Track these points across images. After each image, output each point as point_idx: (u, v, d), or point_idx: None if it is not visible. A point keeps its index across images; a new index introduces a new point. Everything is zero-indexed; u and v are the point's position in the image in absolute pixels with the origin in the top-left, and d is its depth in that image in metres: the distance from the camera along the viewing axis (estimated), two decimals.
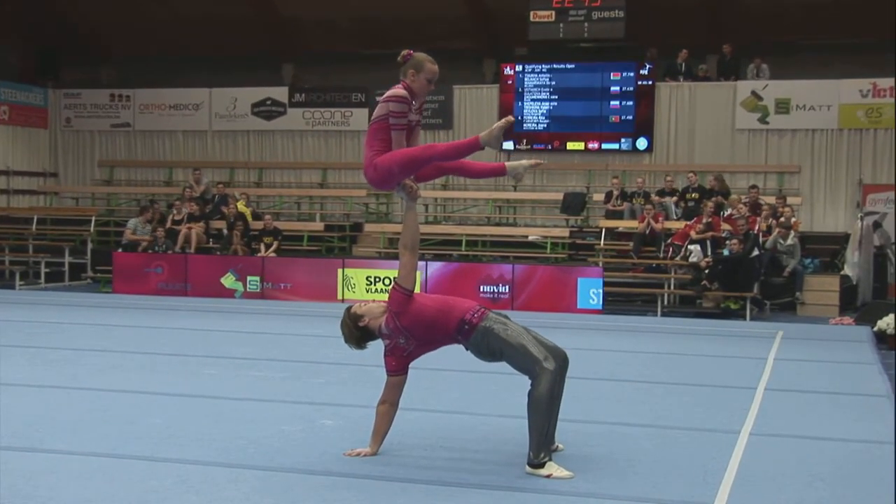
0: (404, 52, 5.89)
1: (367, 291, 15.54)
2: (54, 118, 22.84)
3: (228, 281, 16.22)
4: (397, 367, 5.82)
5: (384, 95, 5.82)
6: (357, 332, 5.89)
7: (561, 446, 5.90)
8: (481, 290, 15.16)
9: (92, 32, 22.84)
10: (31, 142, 22.49)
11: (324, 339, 11.43)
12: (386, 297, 5.93)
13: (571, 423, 6.35)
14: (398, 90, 5.77)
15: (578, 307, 14.73)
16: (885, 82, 18.01)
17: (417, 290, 5.91)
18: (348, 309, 5.98)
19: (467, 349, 5.78)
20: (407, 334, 5.73)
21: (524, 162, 6.04)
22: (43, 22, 22.30)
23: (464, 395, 7.86)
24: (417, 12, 20.24)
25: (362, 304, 6.00)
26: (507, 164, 6.03)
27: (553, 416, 5.55)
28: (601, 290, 14.81)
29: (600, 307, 14.75)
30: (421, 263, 15.79)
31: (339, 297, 15.58)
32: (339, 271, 15.82)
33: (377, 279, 15.62)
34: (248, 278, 16.16)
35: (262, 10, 21.64)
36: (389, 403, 5.85)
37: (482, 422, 6.81)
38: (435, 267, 15.67)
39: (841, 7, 18.40)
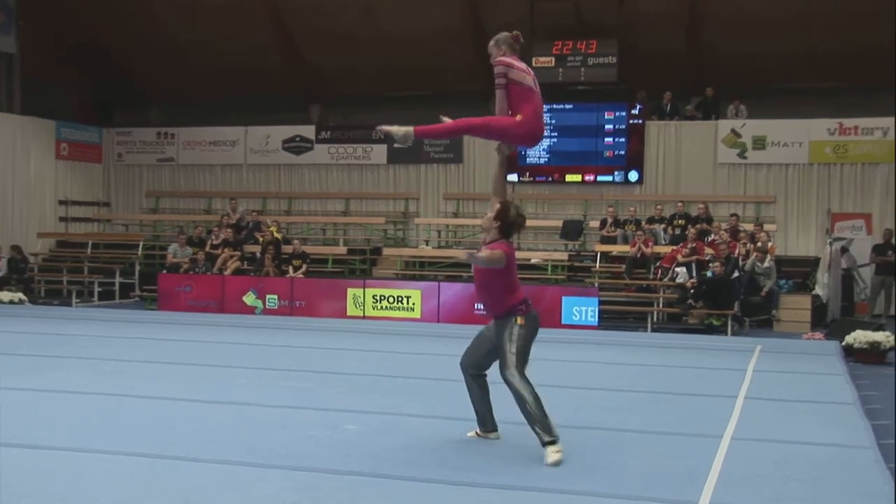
0: (515, 33, 6.06)
1: (374, 308, 15.65)
2: (108, 154, 23.00)
3: (249, 299, 16.27)
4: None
5: (525, 67, 5.97)
6: (521, 221, 6.37)
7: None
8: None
9: (142, 80, 23.04)
10: (87, 175, 22.66)
11: (344, 353, 11.45)
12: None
13: (571, 428, 6.33)
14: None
15: (563, 323, 14.70)
16: (850, 122, 18.03)
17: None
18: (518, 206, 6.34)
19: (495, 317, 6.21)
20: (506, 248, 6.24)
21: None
22: (100, 71, 22.59)
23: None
24: (431, 60, 20.33)
25: None
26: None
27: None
28: (595, 308, 14.78)
29: (595, 323, 14.70)
30: (434, 285, 15.84)
31: (362, 313, 15.65)
32: (348, 291, 15.92)
33: (382, 297, 15.72)
34: (267, 296, 16.22)
35: (291, 58, 21.81)
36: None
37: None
38: (450, 291, 15.54)
39: (811, 56, 18.46)
